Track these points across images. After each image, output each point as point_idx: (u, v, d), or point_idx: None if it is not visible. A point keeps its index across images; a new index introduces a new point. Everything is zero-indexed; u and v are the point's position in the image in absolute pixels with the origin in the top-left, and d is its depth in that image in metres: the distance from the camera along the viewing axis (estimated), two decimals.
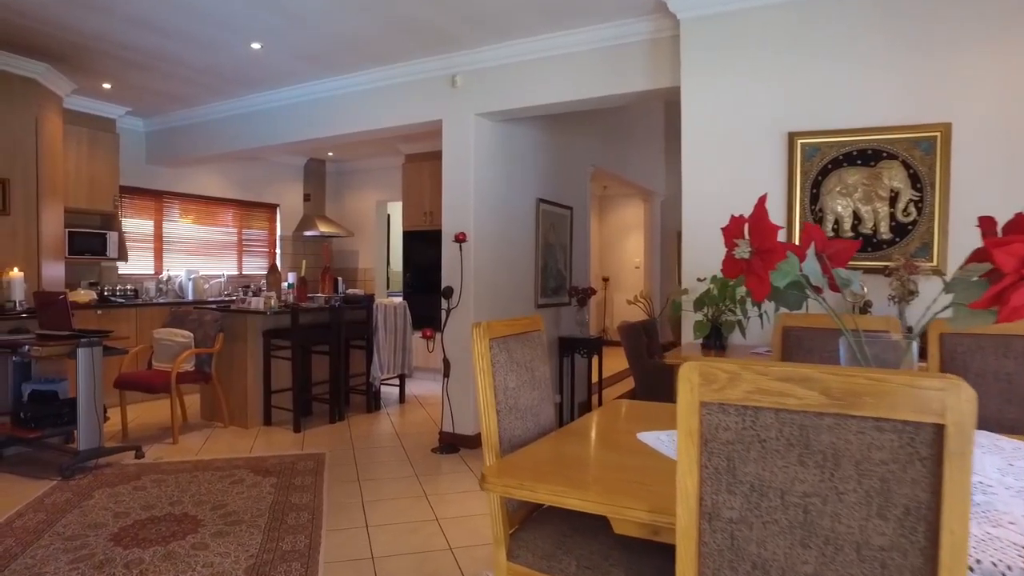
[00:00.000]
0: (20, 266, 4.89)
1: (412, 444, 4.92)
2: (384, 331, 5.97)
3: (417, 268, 7.85)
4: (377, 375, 5.89)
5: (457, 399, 4.82)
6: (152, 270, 7.14)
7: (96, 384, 4.15)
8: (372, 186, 9.05)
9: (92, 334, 4.20)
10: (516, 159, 5.35)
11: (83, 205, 6.12)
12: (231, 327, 5.28)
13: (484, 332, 1.78)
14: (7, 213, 4.93)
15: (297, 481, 3.96)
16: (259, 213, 8.42)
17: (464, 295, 4.76)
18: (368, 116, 5.33)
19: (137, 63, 5.13)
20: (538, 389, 1.96)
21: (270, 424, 5.37)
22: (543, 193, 5.80)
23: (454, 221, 4.84)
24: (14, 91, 4.96)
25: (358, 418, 5.74)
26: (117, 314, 6.12)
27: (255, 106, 6.00)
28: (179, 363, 4.86)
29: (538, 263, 5.73)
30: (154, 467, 4.23)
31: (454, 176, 4.86)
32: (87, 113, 6.19)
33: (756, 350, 3.22)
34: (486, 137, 4.91)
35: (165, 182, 7.27)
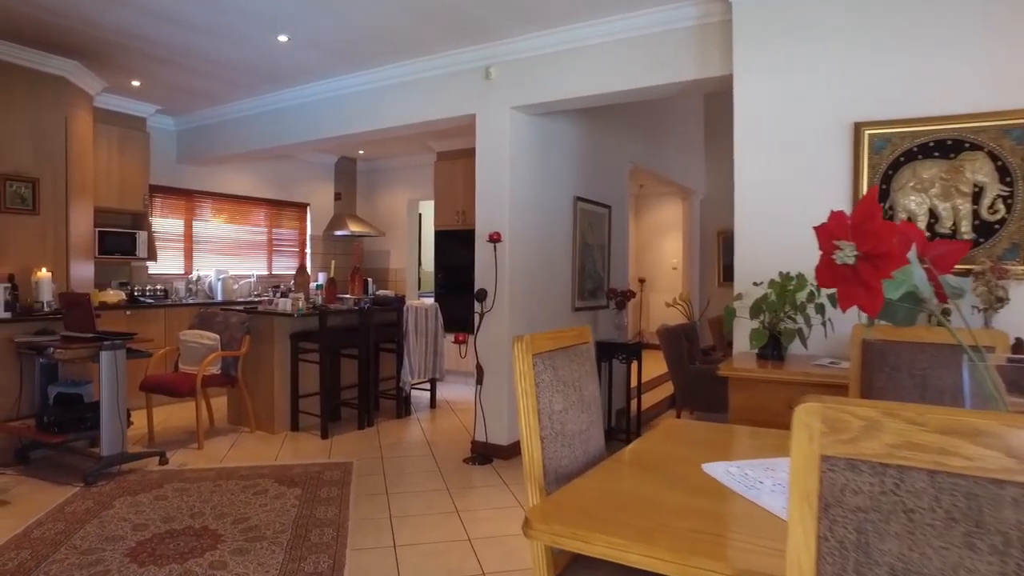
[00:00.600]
0: (49, 266, 4.81)
1: (443, 453, 4.71)
2: (415, 334, 5.78)
3: (449, 268, 7.66)
4: (407, 380, 5.70)
5: (491, 407, 4.59)
6: (182, 270, 7.07)
7: (119, 388, 4.03)
8: (403, 185, 8.89)
9: (115, 337, 4.08)
10: (552, 155, 5.10)
11: (113, 204, 6.05)
12: (258, 329, 5.14)
13: (526, 348, 1.54)
14: (36, 213, 4.85)
15: (323, 493, 3.77)
16: (289, 212, 8.32)
17: (499, 298, 4.53)
18: (398, 111, 5.13)
19: (164, 59, 5.01)
20: (587, 411, 1.72)
21: (297, 429, 5.21)
22: (580, 191, 5.54)
23: (488, 220, 4.61)
24: (44, 90, 4.89)
25: (387, 424, 5.55)
26: (146, 314, 6.04)
27: (284, 102, 5.86)
28: (205, 366, 4.73)
29: (575, 264, 5.48)
30: (177, 474, 4.09)
31: (488, 173, 4.63)
32: (118, 112, 6.12)
33: (819, 362, 2.92)
34: (521, 132, 4.67)
35: (195, 181, 7.20)
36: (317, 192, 8.63)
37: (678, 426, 2.07)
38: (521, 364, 1.52)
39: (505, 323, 4.55)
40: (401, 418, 5.77)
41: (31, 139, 4.81)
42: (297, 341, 5.15)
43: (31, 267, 4.75)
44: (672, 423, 2.10)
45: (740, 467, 1.59)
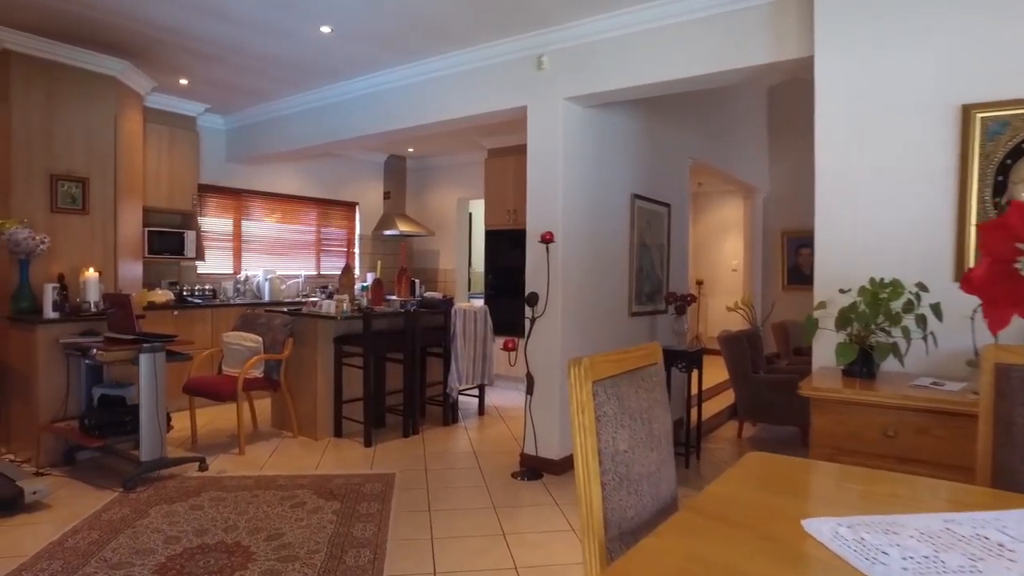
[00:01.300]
0: (97, 266, 4.77)
1: (490, 465, 4.45)
2: (463, 338, 5.54)
3: (500, 269, 7.41)
4: (455, 386, 5.47)
5: (541, 418, 4.31)
6: (231, 269, 7.03)
7: (159, 392, 3.91)
8: (453, 183, 8.69)
9: (155, 339, 3.97)
10: (608, 150, 4.78)
11: (163, 204, 6.03)
12: (301, 332, 4.99)
13: (585, 374, 1.25)
14: (86, 212, 4.82)
15: (362, 508, 3.56)
16: (338, 211, 8.22)
17: (551, 302, 4.25)
18: (445, 106, 4.90)
19: (210, 55, 4.91)
20: (657, 448, 1.42)
21: (340, 436, 5.04)
22: (638, 188, 5.20)
23: (540, 219, 4.33)
24: (94, 90, 4.85)
25: (433, 432, 5.33)
26: (193, 315, 5.99)
27: (329, 98, 5.71)
28: (246, 369, 4.60)
29: (632, 266, 5.15)
30: (216, 482, 3.95)
31: (540, 169, 4.35)
32: (168, 111, 6.09)
33: (918, 382, 2.53)
34: (575, 125, 4.38)
35: (245, 180, 7.16)
36: (366, 191, 8.51)
37: (762, 462, 1.75)
38: (579, 394, 1.24)
39: (557, 329, 4.27)
40: (448, 425, 5.55)
41: (82, 139, 4.78)
42: (341, 344, 4.98)
43: (80, 267, 4.71)
44: (755, 458, 1.78)
45: (853, 527, 1.26)
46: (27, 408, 4.33)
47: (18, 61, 4.47)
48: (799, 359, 7.42)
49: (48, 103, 4.61)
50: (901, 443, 2.33)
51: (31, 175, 4.54)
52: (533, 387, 4.28)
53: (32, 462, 4.26)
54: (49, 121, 4.61)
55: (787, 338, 7.77)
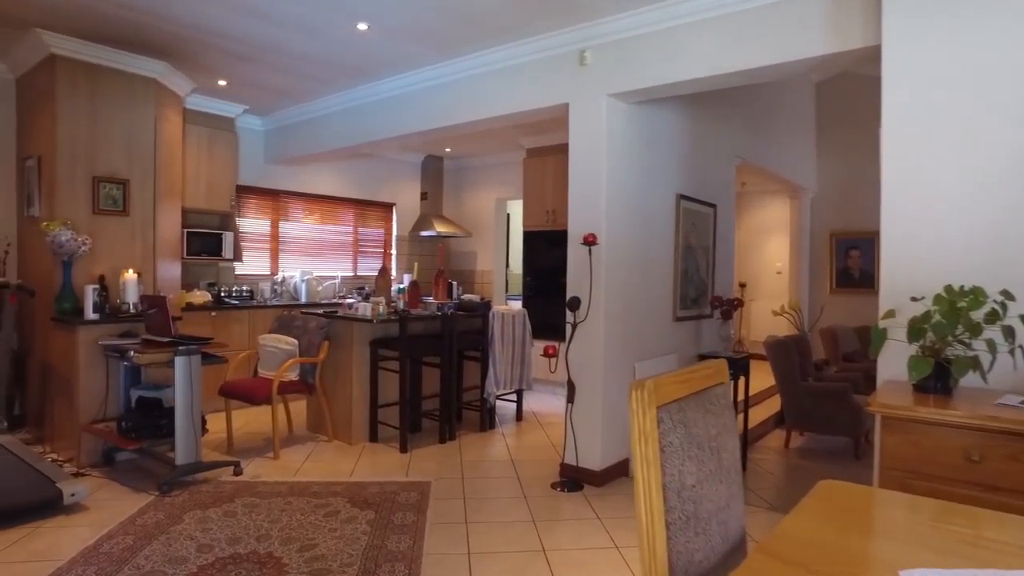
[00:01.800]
0: (137, 267, 4.77)
1: (529, 475, 4.31)
2: (501, 342, 5.41)
3: (538, 271, 7.26)
4: (492, 391, 5.34)
5: (582, 428, 4.15)
6: (268, 270, 7.03)
7: (194, 395, 3.87)
8: (491, 183, 8.57)
9: (191, 341, 3.92)
10: (653, 148, 4.60)
11: (201, 205, 6.04)
12: (337, 334, 4.92)
13: (649, 398, 1.10)
14: (126, 214, 4.82)
15: (397, 519, 3.45)
16: (375, 212, 8.18)
17: (593, 306, 4.08)
18: (484, 103, 4.77)
19: (247, 56, 4.88)
20: (726, 480, 1.26)
21: (376, 440, 4.95)
22: (684, 188, 5.00)
23: (582, 220, 4.17)
24: (135, 91, 4.85)
25: (470, 438, 5.21)
26: (230, 316, 5.98)
27: (366, 98, 5.64)
28: (281, 373, 4.54)
29: (677, 269, 4.95)
30: (250, 487, 3.89)
31: (582, 168, 4.19)
32: (207, 112, 6.10)
33: (1003, 401, 2.30)
34: (619, 122, 4.20)
35: (282, 181, 7.15)
36: (403, 192, 8.45)
37: (838, 493, 1.57)
38: (642, 421, 1.09)
39: (600, 335, 4.10)
40: (485, 431, 5.42)
41: (123, 141, 4.79)
42: (377, 348, 4.89)
43: (121, 268, 4.72)
44: (829, 487, 1.59)
45: None
46: (69, 408, 4.35)
47: (63, 65, 4.50)
48: (849, 366, 7.11)
49: (91, 106, 4.63)
50: (987, 469, 2.11)
51: (74, 177, 4.56)
52: (574, 395, 4.12)
53: (73, 462, 4.27)
54: (92, 123, 4.63)
55: (836, 344, 7.46)
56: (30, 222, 4.85)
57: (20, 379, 5.11)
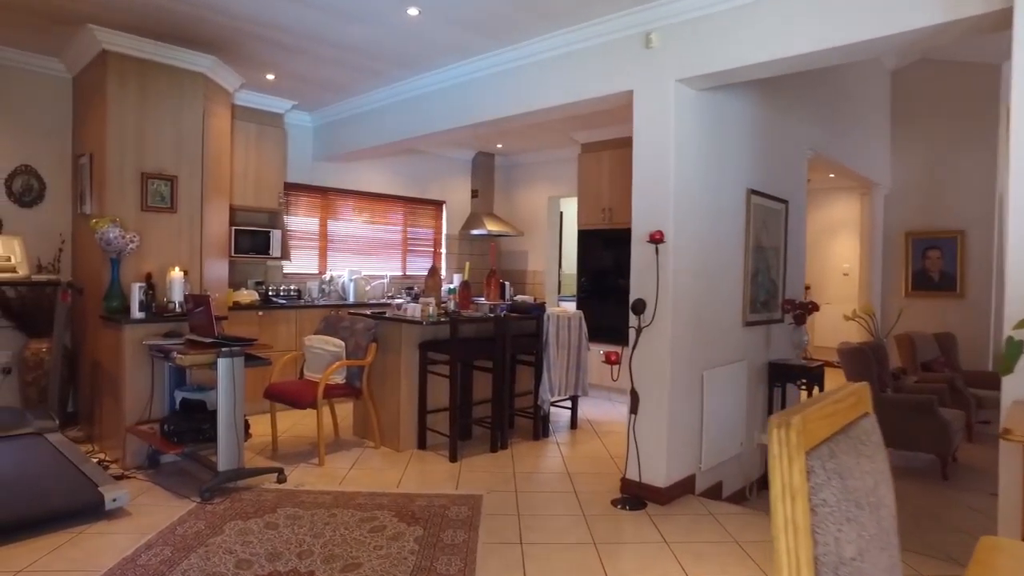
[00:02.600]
0: (184, 265, 4.66)
1: (587, 489, 4.01)
2: (556, 346, 5.13)
3: (593, 271, 6.95)
4: (547, 398, 5.06)
5: (646, 441, 3.83)
6: (316, 269, 6.91)
7: (236, 398, 3.71)
8: (544, 180, 8.29)
9: (234, 342, 3.77)
10: (721, 139, 4.24)
11: (250, 203, 5.94)
12: (385, 336, 4.72)
13: (797, 440, 0.81)
14: (174, 211, 4.73)
15: (446, 537, 3.20)
16: (424, 210, 7.99)
17: (660, 310, 3.76)
18: (540, 94, 4.50)
19: (295, 47, 4.73)
20: (888, 546, 0.95)
21: (424, 448, 4.73)
22: (754, 182, 4.63)
23: (647, 216, 3.86)
24: (183, 87, 4.76)
25: (523, 447, 4.94)
26: (277, 316, 5.86)
27: (417, 90, 5.43)
28: (327, 375, 4.36)
29: (747, 269, 4.58)
30: (293, 496, 3.71)
31: (647, 160, 3.87)
32: (255, 108, 6.00)
33: None
34: (688, 111, 3.87)
35: (331, 178, 7.02)
36: (454, 189, 8.25)
37: (1011, 557, 1.23)
38: (788, 473, 0.80)
39: (666, 340, 3.78)
40: (538, 440, 5.14)
41: (171, 137, 4.69)
42: (426, 351, 4.67)
43: (168, 266, 4.62)
44: (994, 548, 1.26)
45: None
46: (115, 408, 4.27)
47: (114, 61, 4.42)
48: (929, 376, 6.57)
49: (140, 102, 4.54)
50: None
51: (123, 173, 4.49)
52: (638, 405, 3.81)
53: (119, 463, 4.18)
54: (141, 119, 4.55)
55: (913, 351, 6.92)
56: (83, 220, 4.81)
57: (73, 376, 5.08)
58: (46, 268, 5.05)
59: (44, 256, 5.07)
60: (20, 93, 5.01)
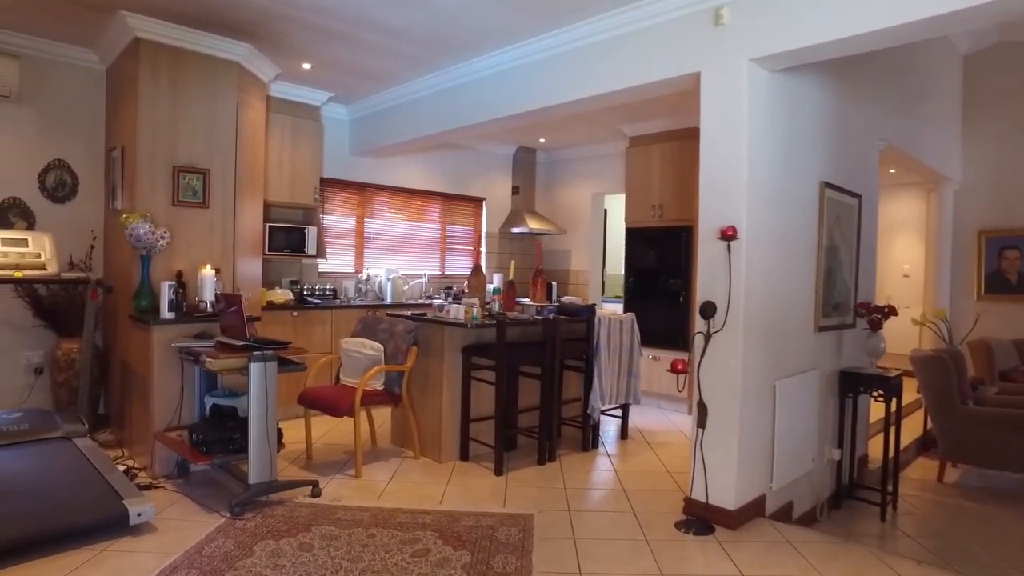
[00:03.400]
0: (216, 263, 4.44)
1: (646, 509, 3.67)
2: (607, 351, 4.79)
3: (641, 271, 6.58)
4: (597, 406, 4.72)
5: (715, 458, 3.47)
6: (352, 268, 6.66)
7: (269, 406, 3.45)
8: (588, 176, 7.93)
9: (267, 345, 3.50)
10: (794, 127, 3.85)
11: (284, 199, 5.71)
12: (425, 339, 4.43)
13: None
14: (206, 206, 4.51)
15: (497, 564, 2.89)
16: (464, 207, 7.70)
17: (732, 313, 3.40)
18: (594, 78, 4.16)
19: (333, 32, 4.47)
20: None
21: (467, 459, 4.43)
22: (828, 175, 4.23)
23: (716, 211, 3.50)
24: (217, 76, 4.53)
25: (571, 459, 4.61)
26: (312, 316, 5.61)
27: (460, 79, 5.14)
28: (365, 381, 4.08)
29: (820, 270, 4.17)
30: (328, 513, 3.43)
31: (717, 149, 3.51)
32: (291, 100, 5.77)
33: None
34: (761, 94, 3.50)
35: (368, 174, 6.77)
36: (493, 186, 7.94)
37: None
38: None
39: (738, 347, 3.41)
40: (587, 451, 4.81)
41: (204, 129, 4.47)
42: (470, 355, 4.37)
43: (199, 263, 4.40)
44: None
45: None
46: (144, 412, 4.05)
47: (146, 49, 4.22)
48: (1009, 387, 6.05)
49: (173, 91, 4.33)
50: None
51: (155, 167, 4.28)
52: (706, 418, 3.44)
53: (147, 471, 3.96)
54: (173, 110, 4.33)
55: (991, 359, 6.40)
56: (114, 216, 4.62)
57: (104, 378, 4.91)
58: (78, 266, 4.88)
59: (76, 253, 4.91)
60: (54, 86, 4.85)
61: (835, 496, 4.49)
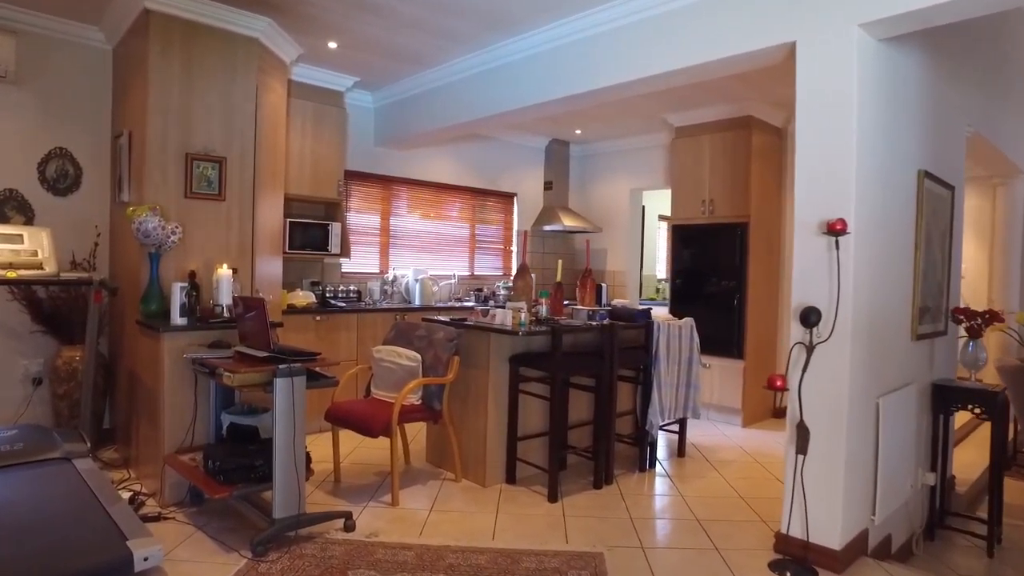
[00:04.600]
0: (232, 262, 3.98)
1: (730, 546, 3.17)
2: (666, 360, 4.29)
3: (690, 272, 6.06)
4: (656, 422, 4.23)
5: (817, 489, 2.96)
6: (376, 268, 6.18)
7: (297, 427, 2.97)
8: (625, 171, 7.42)
9: (295, 356, 3.02)
10: (896, 106, 3.34)
11: (305, 192, 5.24)
12: (467, 348, 3.95)
13: None
14: (222, 199, 4.04)
15: None
16: (494, 203, 7.20)
17: (839, 322, 2.89)
18: (657, 55, 3.68)
19: (367, 4, 4.00)
20: None
21: (514, 482, 3.95)
22: (926, 162, 3.72)
23: (817, 201, 3.00)
24: (235, 54, 4.07)
25: (629, 481, 4.12)
26: (336, 321, 5.13)
27: (499, 59, 4.66)
28: (403, 397, 3.60)
29: (918, 270, 3.66)
30: (366, 552, 2.95)
31: (821, 129, 3.01)
32: (313, 85, 5.30)
33: None
34: (869, 66, 3.00)
35: (393, 166, 6.28)
36: (524, 181, 7.44)
37: None
38: None
39: (845, 360, 2.91)
40: (643, 471, 4.32)
41: (220, 113, 4.01)
42: (517, 366, 3.88)
43: (215, 262, 3.94)
44: None
45: None
46: (153, 430, 3.59)
47: (156, 23, 3.75)
48: None
49: (186, 71, 3.87)
50: None
51: (166, 154, 3.82)
52: (807, 443, 2.94)
53: (156, 498, 3.50)
54: (187, 91, 3.87)
55: None
56: (121, 209, 4.16)
57: (110, 388, 4.46)
58: (81, 264, 4.42)
59: (79, 251, 4.45)
60: (55, 66, 4.40)
61: (930, 526, 3.98)
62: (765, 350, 5.83)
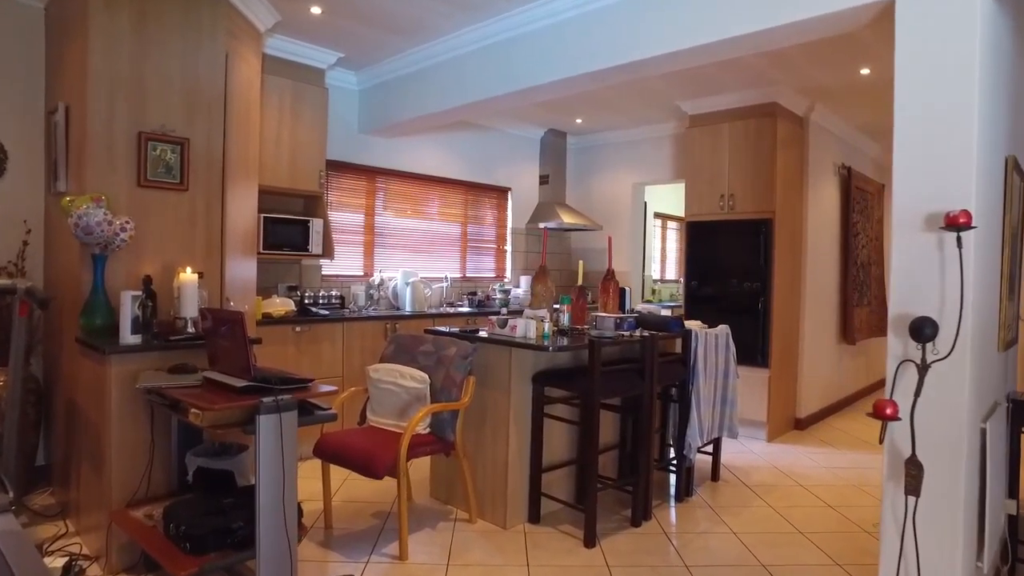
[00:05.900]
0: (197, 265, 3.29)
1: None
2: (704, 375, 3.75)
3: (707, 273, 5.54)
4: (695, 444, 3.68)
5: (930, 537, 2.44)
6: (360, 271, 5.51)
7: (287, 474, 2.32)
8: (626, 164, 6.87)
9: (280, 385, 2.36)
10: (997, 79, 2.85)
11: (283, 183, 4.54)
12: (481, 366, 3.34)
13: None
14: (184, 188, 3.35)
15: None
16: (487, 198, 6.58)
17: (961, 335, 2.37)
18: (706, 22, 3.13)
19: None
20: None
21: (537, 521, 3.35)
22: (1016, 148, 3.24)
23: (924, 188, 2.49)
24: (200, 15, 3.38)
25: (666, 514, 3.57)
26: (319, 331, 4.44)
27: (513, 29, 4.06)
28: (412, 428, 2.97)
29: (1004, 271, 3.18)
30: None
31: (930, 100, 2.49)
32: (291, 60, 4.61)
33: None
34: (988, 23, 2.49)
35: (379, 156, 5.61)
36: (519, 174, 6.83)
37: None
38: None
39: (964, 381, 2.40)
40: (682, 502, 3.77)
41: (181, 85, 3.32)
42: (542, 385, 3.29)
43: (176, 266, 3.25)
44: None
45: None
46: (98, 479, 2.87)
47: None
48: None
49: (138, 32, 3.16)
50: None
51: (113, 133, 3.11)
52: (921, 484, 2.41)
53: (100, 563, 2.79)
54: (140, 57, 3.17)
55: None
56: (57, 200, 3.42)
57: (46, 418, 3.72)
58: (6, 269, 3.67)
59: (5, 252, 3.70)
60: None
61: (1012, 568, 3.51)
62: (789, 358, 5.36)
